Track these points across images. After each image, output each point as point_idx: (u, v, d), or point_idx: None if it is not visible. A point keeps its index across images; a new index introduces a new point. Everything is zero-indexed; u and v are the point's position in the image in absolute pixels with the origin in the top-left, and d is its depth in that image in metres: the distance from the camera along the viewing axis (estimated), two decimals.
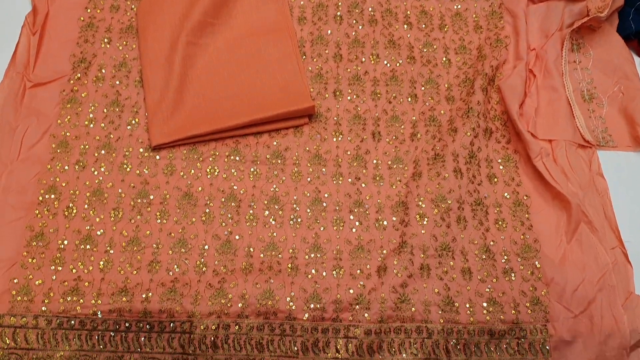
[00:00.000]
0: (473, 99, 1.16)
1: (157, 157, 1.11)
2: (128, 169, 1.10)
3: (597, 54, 1.28)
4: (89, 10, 1.25)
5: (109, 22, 1.25)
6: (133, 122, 1.14)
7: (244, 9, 1.25)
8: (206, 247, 1.03)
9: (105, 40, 1.23)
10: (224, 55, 1.20)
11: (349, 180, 1.11)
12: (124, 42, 1.23)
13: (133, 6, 1.26)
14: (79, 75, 1.18)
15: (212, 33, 1.22)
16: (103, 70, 1.19)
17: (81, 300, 0.97)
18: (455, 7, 1.31)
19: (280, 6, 1.26)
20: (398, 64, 1.24)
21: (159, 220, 1.05)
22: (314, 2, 1.29)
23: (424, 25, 1.29)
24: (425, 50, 1.26)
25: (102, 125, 1.14)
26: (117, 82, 1.19)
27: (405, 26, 1.28)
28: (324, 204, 1.09)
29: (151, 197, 1.07)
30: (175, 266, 1.01)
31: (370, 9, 1.29)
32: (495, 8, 1.30)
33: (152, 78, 1.16)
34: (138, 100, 1.17)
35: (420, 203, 1.07)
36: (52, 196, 1.06)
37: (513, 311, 1.00)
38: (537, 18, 1.28)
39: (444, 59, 1.26)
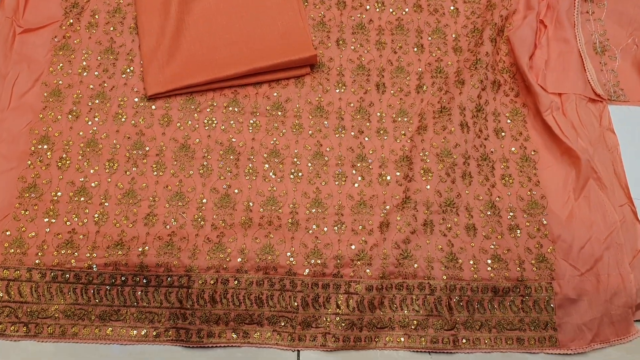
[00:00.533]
0: (481, 50, 1.12)
1: (153, 107, 1.07)
2: (123, 119, 1.06)
3: (612, 4, 1.23)
4: None
5: None
6: (128, 70, 1.10)
7: None
8: (204, 200, 1.01)
9: None
10: (222, 0, 1.15)
11: (352, 133, 1.08)
12: None
13: None
14: (71, 21, 1.13)
15: None
16: (96, 16, 1.14)
17: (76, 254, 0.95)
18: None
19: None
20: (404, 13, 1.19)
21: (155, 173, 1.02)
22: None
23: None
24: None
25: (96, 73, 1.09)
26: (111, 29, 1.14)
27: None
28: (326, 158, 1.06)
29: (147, 148, 1.04)
30: (173, 220, 0.99)
31: None
32: None
33: (147, 24, 1.11)
34: (133, 48, 1.12)
35: (425, 158, 1.04)
36: (45, 146, 1.02)
37: (518, 268, 0.98)
38: None
39: (452, 7, 1.21)
